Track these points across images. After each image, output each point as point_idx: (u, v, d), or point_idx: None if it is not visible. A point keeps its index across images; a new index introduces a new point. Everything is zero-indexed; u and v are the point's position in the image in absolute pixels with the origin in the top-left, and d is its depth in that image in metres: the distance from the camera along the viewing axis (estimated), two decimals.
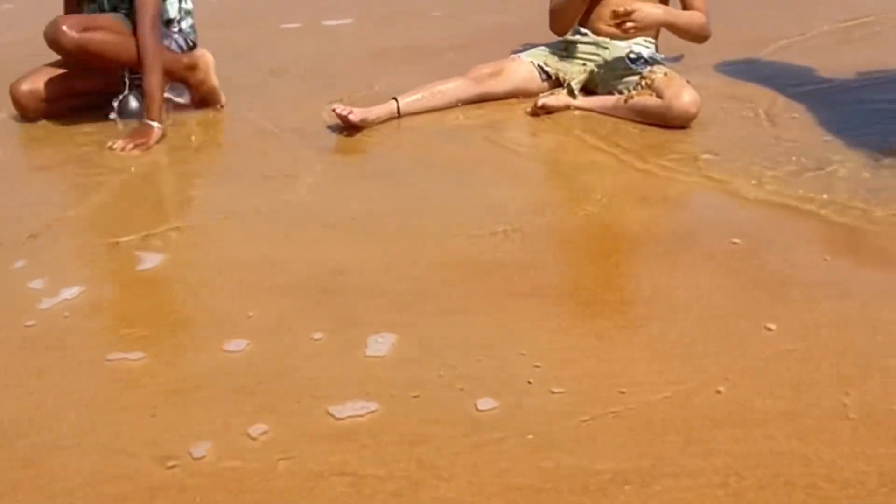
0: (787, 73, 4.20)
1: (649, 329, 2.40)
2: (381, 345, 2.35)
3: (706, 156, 3.41)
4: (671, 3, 3.95)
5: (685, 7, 3.89)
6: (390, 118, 3.82)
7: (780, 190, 3.11)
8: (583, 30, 3.97)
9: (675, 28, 3.85)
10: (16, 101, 3.98)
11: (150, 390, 2.20)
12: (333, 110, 3.72)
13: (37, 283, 2.70)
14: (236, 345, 2.37)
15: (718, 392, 2.12)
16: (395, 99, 3.85)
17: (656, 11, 3.77)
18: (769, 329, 2.35)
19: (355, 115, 3.70)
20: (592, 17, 3.95)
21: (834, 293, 2.52)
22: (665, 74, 3.74)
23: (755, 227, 2.91)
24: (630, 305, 2.57)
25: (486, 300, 2.56)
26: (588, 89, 3.93)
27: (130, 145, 3.68)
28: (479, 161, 3.48)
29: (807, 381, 2.14)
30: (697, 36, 3.89)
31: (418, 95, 3.88)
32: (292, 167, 3.49)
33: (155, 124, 3.74)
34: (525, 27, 4.57)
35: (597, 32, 3.95)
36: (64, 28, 3.70)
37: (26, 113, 3.99)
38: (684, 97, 3.63)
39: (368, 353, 2.33)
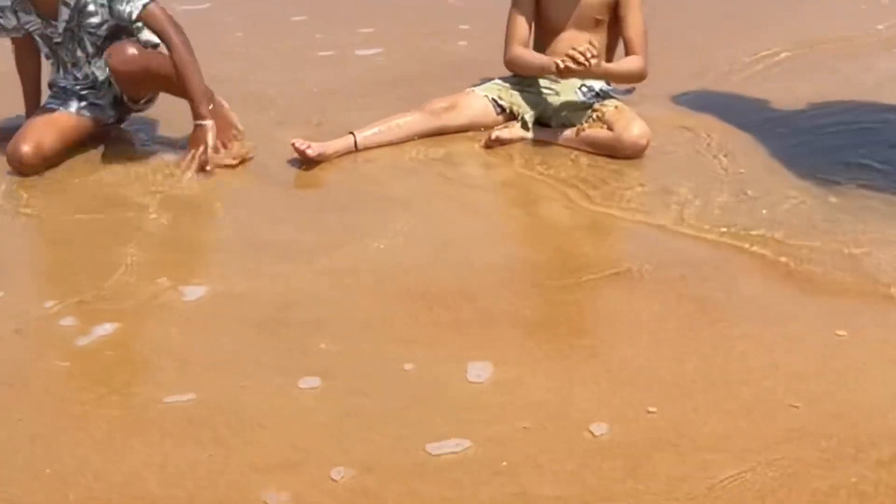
0: (736, 102, 4.29)
1: (594, 356, 2.49)
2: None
3: (651, 187, 3.52)
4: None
5: (625, 42, 3.98)
6: (348, 152, 3.88)
7: (725, 220, 3.21)
8: None
9: (613, 77, 3.96)
10: (19, 164, 3.74)
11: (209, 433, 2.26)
12: (292, 144, 3.77)
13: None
14: None
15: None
16: (352, 133, 3.91)
17: (603, 65, 3.85)
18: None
19: (313, 149, 3.76)
20: (546, 52, 4.03)
21: (763, 320, 2.62)
22: (616, 107, 3.84)
23: (697, 258, 3.01)
24: (577, 335, 2.66)
25: (431, 330, 2.65)
26: (541, 122, 4.01)
27: (194, 165, 3.70)
28: (433, 195, 3.56)
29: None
30: (634, 80, 4.01)
31: (375, 129, 3.95)
32: (249, 200, 3.58)
33: (207, 122, 3.75)
34: (478, 59, 4.64)
35: None
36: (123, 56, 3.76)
37: (27, 173, 3.75)
38: (634, 129, 3.73)
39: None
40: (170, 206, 3.51)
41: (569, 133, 3.89)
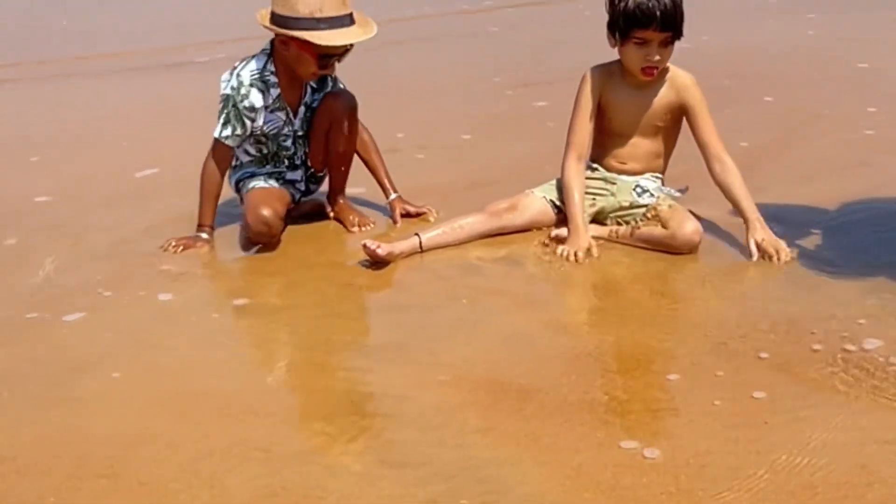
0: (790, 199, 4.44)
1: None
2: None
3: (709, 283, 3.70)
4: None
5: (701, 146, 4.12)
6: (413, 252, 4.07)
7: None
8: (593, 165, 4.25)
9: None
10: (263, 225, 4.12)
11: None
12: (363, 245, 3.97)
13: None
14: None
15: None
16: (417, 234, 4.11)
17: (760, 230, 3.90)
18: None
19: (383, 249, 3.95)
20: (602, 152, 4.23)
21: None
22: (670, 206, 4.01)
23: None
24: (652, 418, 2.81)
25: (512, 422, 2.81)
26: (597, 220, 4.19)
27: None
28: (498, 292, 3.73)
29: None
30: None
31: (439, 230, 4.14)
32: (323, 299, 3.76)
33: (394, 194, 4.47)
34: (538, 161, 4.84)
35: (607, 168, 4.23)
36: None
37: (271, 237, 4.19)
38: (687, 227, 3.91)
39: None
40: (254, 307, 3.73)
41: (624, 231, 4.08)
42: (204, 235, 4.24)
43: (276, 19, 4.10)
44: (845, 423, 2.73)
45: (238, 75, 4.20)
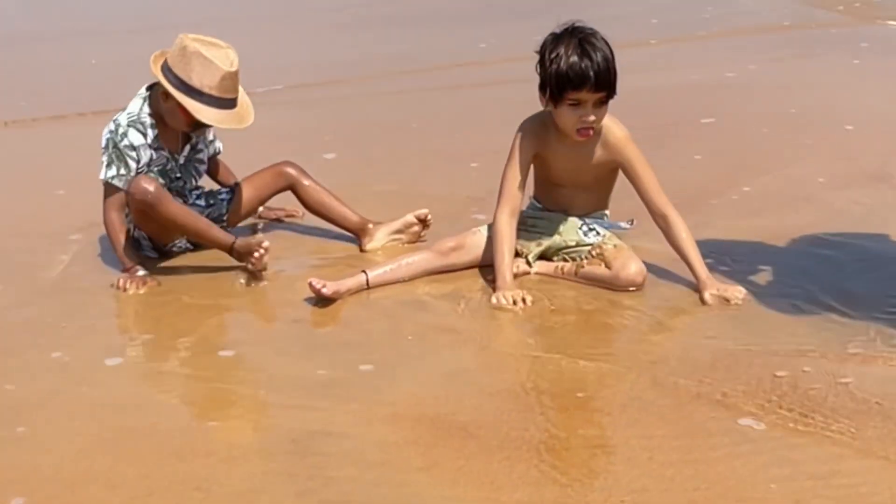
0: (732, 231, 4.50)
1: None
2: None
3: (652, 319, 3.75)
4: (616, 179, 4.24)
5: (644, 200, 4.09)
6: (360, 289, 4.08)
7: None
8: (538, 205, 4.29)
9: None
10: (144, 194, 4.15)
11: None
12: (309, 283, 3.97)
13: None
14: None
15: None
16: (364, 271, 4.12)
17: (709, 281, 3.90)
18: None
19: (328, 288, 3.96)
20: (545, 195, 4.26)
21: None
22: (615, 245, 4.05)
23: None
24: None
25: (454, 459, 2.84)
26: (544, 256, 4.22)
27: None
28: (443, 328, 3.75)
29: None
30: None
31: (386, 268, 4.15)
32: (267, 336, 3.77)
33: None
34: (481, 198, 4.89)
35: (551, 208, 4.26)
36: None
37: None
38: (630, 268, 3.95)
39: None
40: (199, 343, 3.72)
41: (569, 268, 4.11)
42: (141, 272, 4.23)
43: (168, 75, 4.22)
44: (780, 458, 2.78)
45: (115, 120, 4.31)
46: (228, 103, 4.27)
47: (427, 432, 3.00)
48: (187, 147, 4.48)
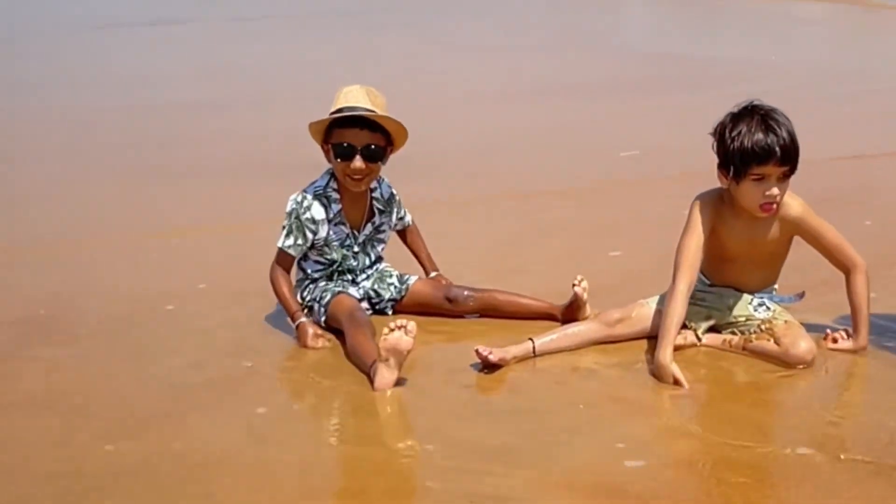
0: None
1: None
2: None
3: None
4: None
5: (827, 255, 4.16)
6: (526, 357, 4.14)
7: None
8: (707, 280, 4.29)
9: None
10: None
11: None
12: (476, 350, 4.05)
13: None
14: None
15: None
16: (531, 339, 4.19)
17: (863, 344, 4.07)
18: None
19: (494, 355, 4.03)
20: (715, 271, 4.26)
21: None
22: (785, 322, 4.05)
23: None
24: None
25: None
26: (713, 327, 4.24)
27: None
28: (612, 398, 3.79)
29: None
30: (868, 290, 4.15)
31: (553, 336, 4.21)
32: (438, 402, 3.85)
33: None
34: (651, 271, 4.90)
35: (721, 283, 4.27)
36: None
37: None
38: (800, 346, 3.95)
39: None
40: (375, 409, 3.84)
41: (737, 342, 4.11)
42: (304, 320, 4.34)
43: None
44: None
45: (304, 191, 4.48)
46: (360, 111, 4.33)
47: (604, 500, 3.04)
48: (369, 225, 4.60)
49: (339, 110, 4.35)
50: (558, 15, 14.30)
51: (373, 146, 4.38)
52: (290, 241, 4.44)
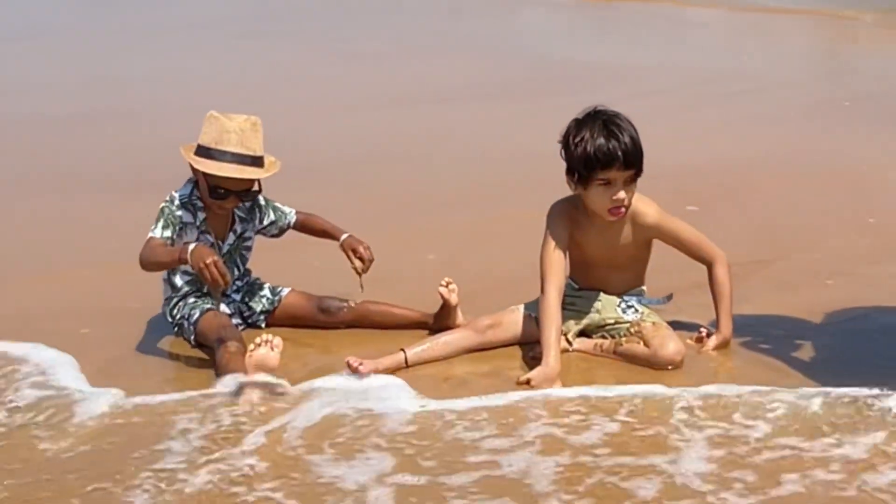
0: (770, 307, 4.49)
1: None
2: None
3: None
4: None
5: (688, 253, 4.22)
6: (398, 368, 4.08)
7: None
8: (575, 284, 4.29)
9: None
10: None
11: None
12: (346, 362, 3.99)
13: None
14: None
15: None
16: (402, 350, 4.13)
17: (726, 334, 4.13)
18: None
19: (365, 366, 3.97)
20: (581, 275, 4.29)
21: None
22: (654, 323, 4.07)
23: None
24: None
25: None
26: (583, 333, 4.23)
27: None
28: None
29: None
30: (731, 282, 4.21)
31: (425, 346, 4.17)
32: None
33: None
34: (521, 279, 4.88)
35: (588, 287, 4.28)
36: None
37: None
38: (669, 347, 3.98)
39: None
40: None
41: (608, 346, 4.13)
42: (193, 243, 4.09)
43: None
44: None
45: (171, 195, 4.37)
46: (246, 159, 4.24)
47: None
48: (231, 234, 4.50)
49: (221, 151, 4.23)
50: (459, 22, 14.34)
51: (249, 189, 4.37)
52: (168, 233, 4.26)
